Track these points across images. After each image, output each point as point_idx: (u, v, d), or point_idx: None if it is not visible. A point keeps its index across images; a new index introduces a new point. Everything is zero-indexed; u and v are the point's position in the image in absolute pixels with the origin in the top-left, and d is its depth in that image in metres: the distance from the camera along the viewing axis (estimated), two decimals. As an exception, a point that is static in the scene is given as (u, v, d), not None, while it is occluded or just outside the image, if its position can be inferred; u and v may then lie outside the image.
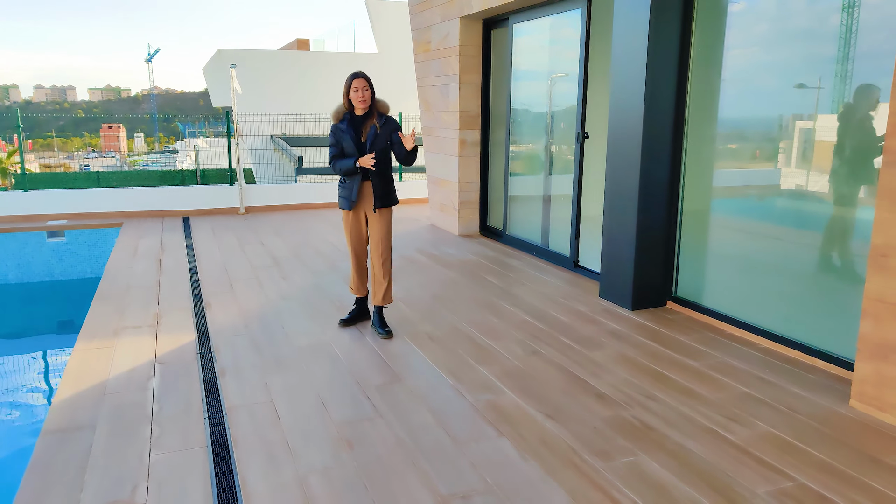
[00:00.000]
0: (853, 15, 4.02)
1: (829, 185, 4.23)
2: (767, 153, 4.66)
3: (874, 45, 3.88)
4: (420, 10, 8.85)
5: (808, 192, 4.42)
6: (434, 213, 9.17)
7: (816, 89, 4.25)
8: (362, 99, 4.41)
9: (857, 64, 3.98)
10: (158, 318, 5.08)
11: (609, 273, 5.52)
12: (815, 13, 4.18)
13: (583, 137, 6.27)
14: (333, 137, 4.58)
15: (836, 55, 4.07)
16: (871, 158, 3.95)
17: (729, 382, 3.94)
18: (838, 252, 4.22)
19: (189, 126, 43.94)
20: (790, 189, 4.57)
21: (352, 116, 4.52)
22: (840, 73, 4.08)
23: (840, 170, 4.14)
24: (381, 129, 4.51)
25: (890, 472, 2.99)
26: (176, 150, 47.82)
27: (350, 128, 4.49)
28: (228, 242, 7.89)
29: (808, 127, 4.35)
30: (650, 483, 2.90)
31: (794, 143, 4.47)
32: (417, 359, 4.31)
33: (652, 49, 4.92)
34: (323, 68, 19.96)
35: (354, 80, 4.41)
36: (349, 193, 4.59)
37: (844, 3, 4.03)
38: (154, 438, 3.25)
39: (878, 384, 3.49)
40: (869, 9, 3.91)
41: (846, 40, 4.04)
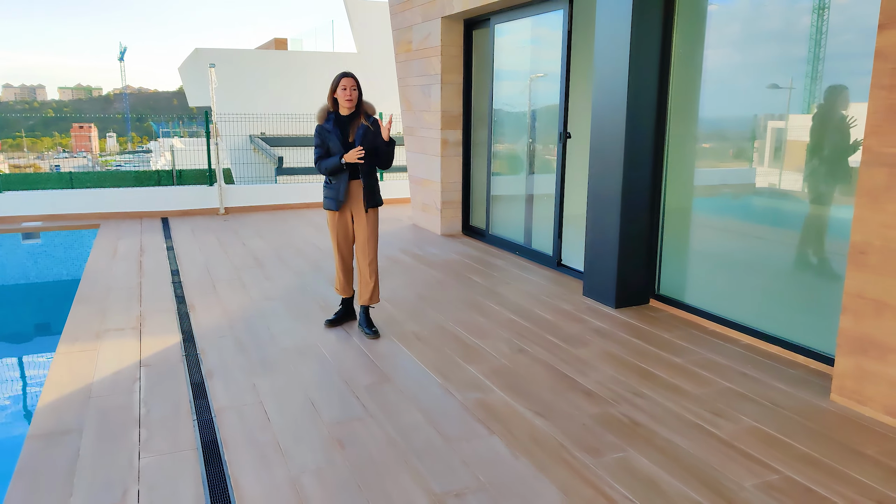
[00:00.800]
0: (823, 17, 4.13)
1: (805, 184, 4.32)
2: (746, 152, 4.75)
3: (843, 46, 3.98)
4: (401, 11, 8.85)
5: (785, 190, 4.51)
6: (416, 212, 9.18)
7: (789, 89, 4.34)
8: (349, 98, 4.38)
9: (827, 64, 4.07)
10: (141, 321, 5.02)
11: (593, 271, 5.58)
12: (788, 14, 4.27)
13: (565, 137, 6.33)
14: (318, 138, 4.54)
15: (808, 56, 4.17)
16: (844, 157, 4.04)
17: (713, 378, 4.01)
18: (816, 249, 4.31)
19: (163, 126, 43.41)
20: (768, 188, 4.66)
21: (337, 116, 4.49)
22: (811, 73, 4.19)
23: (814, 168, 4.24)
24: (370, 129, 4.49)
25: (872, 463, 3.07)
26: (150, 150, 47.19)
27: (336, 128, 4.46)
28: (209, 243, 7.81)
29: (783, 126, 4.43)
30: (640, 478, 2.94)
31: (770, 142, 4.56)
32: (405, 358, 4.31)
33: (634, 50, 4.99)
34: (302, 68, 19.85)
35: (343, 78, 4.39)
36: (336, 194, 4.57)
37: (815, 4, 4.13)
38: (143, 441, 3.22)
39: (858, 378, 3.58)
40: (838, 10, 4.01)
41: (816, 41, 4.15)
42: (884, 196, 3.39)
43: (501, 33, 7.35)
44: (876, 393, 3.49)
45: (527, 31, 6.98)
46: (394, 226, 9.05)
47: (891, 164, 3.34)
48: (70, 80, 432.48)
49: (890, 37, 3.28)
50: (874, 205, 3.44)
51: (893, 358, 3.39)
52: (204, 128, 10.17)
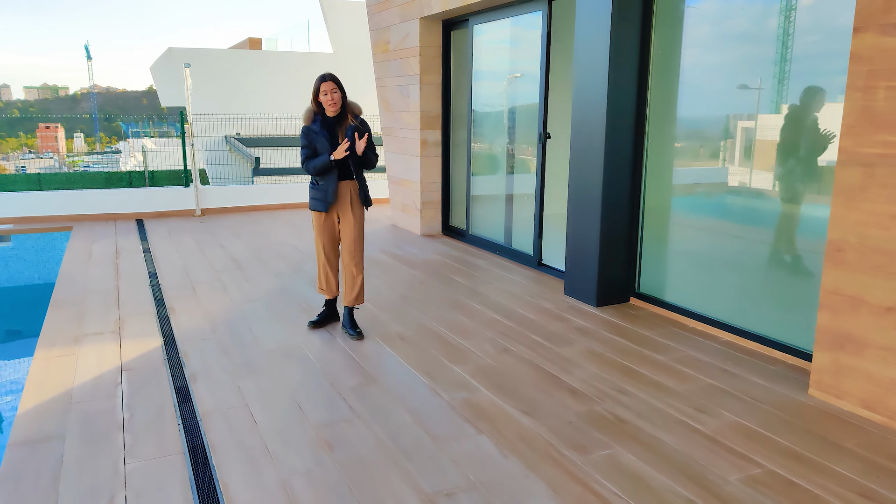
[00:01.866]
0: (790, 18, 4.24)
1: (779, 183, 4.42)
2: (722, 152, 4.83)
3: (809, 46, 4.11)
4: (378, 11, 8.83)
5: (759, 189, 4.60)
6: (395, 213, 9.17)
7: (757, 90, 4.44)
8: (332, 102, 4.36)
9: (801, 65, 4.17)
10: (120, 324, 4.95)
11: (574, 271, 5.63)
12: (760, 16, 4.35)
13: (545, 137, 6.37)
14: (305, 139, 4.49)
15: (775, 57, 4.30)
16: (816, 157, 4.15)
17: (695, 375, 4.07)
18: (792, 247, 4.41)
19: (132, 126, 42.73)
20: (743, 187, 4.75)
21: (323, 118, 4.45)
22: (779, 73, 4.31)
23: (786, 167, 4.33)
24: (359, 129, 4.47)
25: (851, 456, 3.14)
26: (119, 150, 46.43)
27: (323, 129, 4.43)
28: (187, 245, 7.72)
29: (762, 125, 4.52)
30: (627, 474, 2.98)
31: (746, 142, 4.65)
32: (390, 359, 4.31)
33: (614, 51, 5.05)
34: (277, 68, 19.68)
35: (322, 83, 4.34)
36: (324, 195, 4.52)
37: (782, 6, 4.24)
38: (128, 447, 3.17)
39: (836, 373, 3.67)
40: (804, 12, 4.11)
41: (783, 42, 4.27)
42: (859, 195, 3.48)
43: (480, 34, 7.38)
44: (853, 387, 3.58)
45: (506, 31, 7.02)
46: (373, 226, 9.03)
47: (865, 163, 3.43)
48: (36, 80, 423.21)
49: (864, 39, 3.37)
50: (850, 203, 3.52)
51: (870, 353, 3.48)
52: (176, 128, 10.05)
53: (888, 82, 3.29)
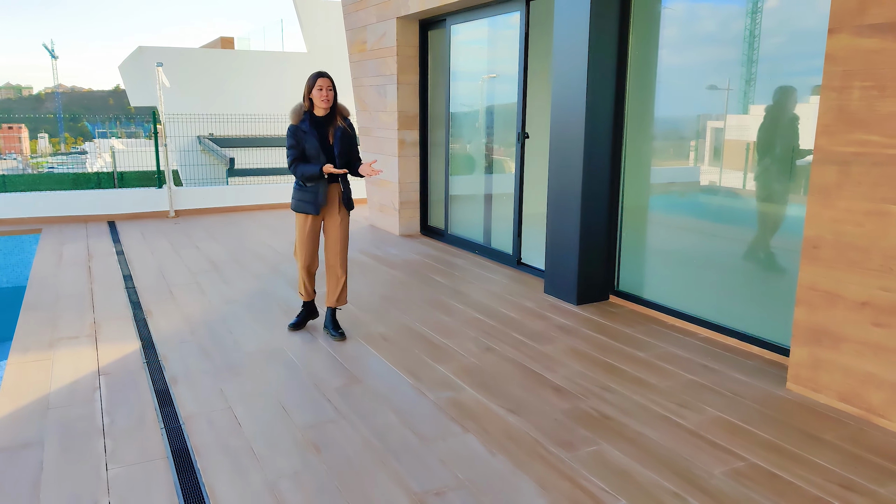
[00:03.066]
0: (756, 20, 4.34)
1: (755, 182, 4.50)
2: (697, 151, 4.91)
3: (777, 48, 4.21)
4: (354, 10, 8.79)
5: (736, 188, 4.68)
6: (373, 213, 9.14)
7: (726, 90, 4.54)
8: (325, 98, 4.29)
9: (766, 66, 4.26)
10: (96, 328, 4.85)
11: (554, 269, 5.66)
12: (732, 18, 4.43)
13: (523, 137, 6.40)
14: (293, 139, 4.37)
15: (741, 58, 4.43)
16: (789, 156, 4.24)
17: (676, 371, 4.13)
18: (767, 245, 4.49)
19: (99, 126, 41.94)
20: (719, 186, 4.82)
21: (312, 117, 4.38)
22: (747, 75, 4.43)
23: (763, 167, 4.42)
24: (348, 131, 4.46)
25: (829, 448, 3.21)
26: (85, 151, 45.53)
27: (313, 129, 4.35)
28: (162, 247, 7.60)
29: (737, 125, 4.61)
30: (614, 470, 3.01)
31: (721, 141, 4.72)
32: (374, 360, 4.30)
33: (592, 51, 5.09)
34: (251, 67, 19.47)
35: (319, 78, 4.28)
36: (315, 198, 4.44)
37: (748, 9, 4.34)
38: (109, 452, 3.11)
39: (813, 367, 3.74)
40: (769, 14, 4.21)
41: (750, 43, 4.39)
42: (834, 193, 3.56)
43: (458, 34, 7.38)
44: (830, 381, 3.66)
45: (483, 32, 7.04)
46: (352, 227, 8.97)
47: (840, 162, 3.51)
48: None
49: (839, 41, 3.44)
50: (825, 201, 3.60)
51: (846, 347, 3.57)
52: (144, 128, 9.90)
53: (862, 82, 3.37)
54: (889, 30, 3.23)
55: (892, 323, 3.34)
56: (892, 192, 3.29)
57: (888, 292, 3.35)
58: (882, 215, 3.34)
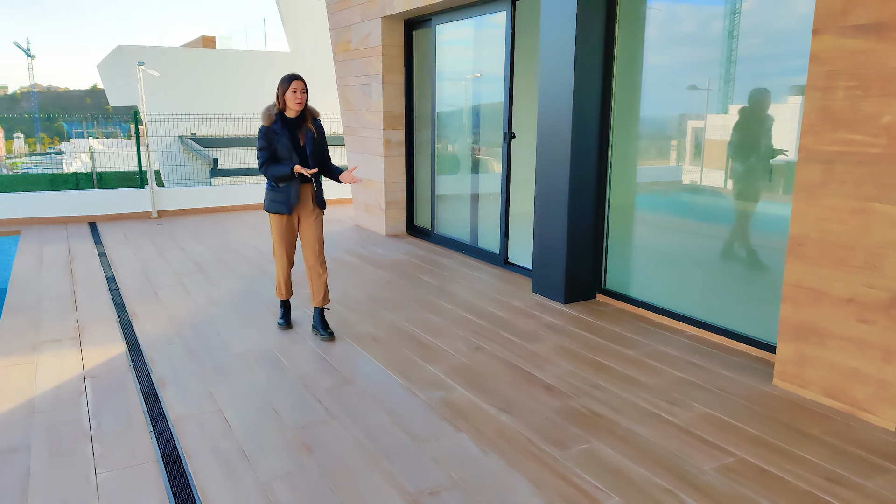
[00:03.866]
0: (734, 22, 4.42)
1: (737, 181, 4.56)
2: (681, 150, 4.95)
3: (754, 49, 4.28)
4: (338, 10, 8.76)
5: (717, 187, 4.73)
6: (359, 213, 9.11)
7: (706, 90, 4.60)
8: (299, 101, 4.36)
9: (744, 67, 4.33)
10: (80, 331, 4.79)
11: (541, 268, 5.69)
12: (714, 19, 4.49)
13: (510, 137, 6.42)
14: (265, 140, 4.41)
15: (720, 58, 4.50)
16: (764, 155, 4.32)
17: (664, 368, 4.16)
18: (743, 241, 4.54)
19: (76, 126, 41.34)
20: (704, 185, 4.87)
21: (283, 118, 4.42)
22: (726, 75, 4.50)
23: (745, 166, 4.48)
24: (318, 133, 4.52)
25: (816, 442, 3.26)
26: (62, 151, 44.91)
27: (285, 129, 4.40)
28: (145, 248, 7.51)
29: (717, 125, 4.66)
30: (607, 467, 3.03)
31: (700, 141, 4.77)
32: (364, 360, 4.28)
33: (579, 51, 5.12)
34: (233, 67, 19.31)
35: (294, 81, 4.34)
36: (287, 198, 4.47)
37: (727, 10, 4.41)
38: (97, 456, 3.07)
39: (799, 363, 3.80)
40: (746, 15, 4.28)
41: (728, 45, 4.46)
42: (819, 191, 3.61)
43: (443, 34, 7.39)
44: (815, 376, 3.71)
45: (469, 31, 7.04)
46: (337, 227, 8.95)
47: (825, 161, 3.56)
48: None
49: (824, 41, 3.49)
50: (810, 199, 3.65)
51: (832, 343, 3.62)
52: (122, 128, 9.80)
53: (846, 82, 3.42)
54: (872, 30, 3.28)
55: (877, 319, 3.40)
56: (876, 190, 3.34)
57: (872, 289, 3.40)
58: (866, 213, 3.40)
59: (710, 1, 4.54)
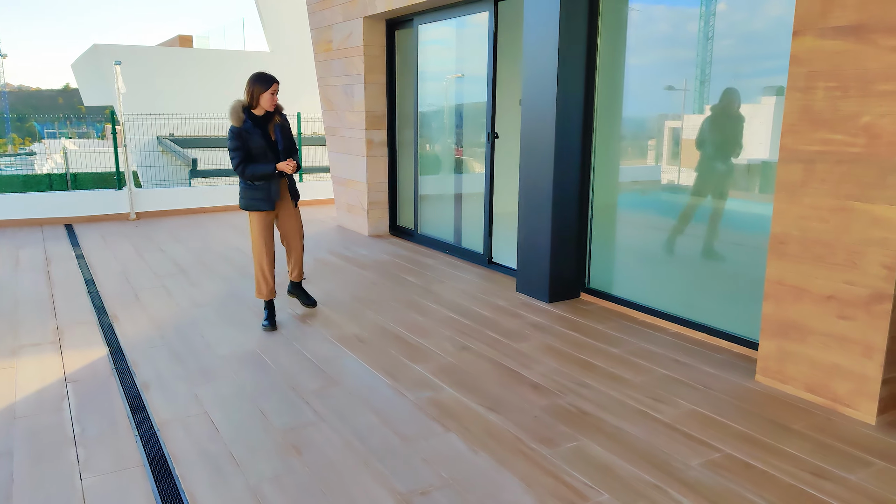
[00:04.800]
0: (709, 23, 4.50)
1: (715, 180, 4.63)
2: (661, 150, 5.01)
3: (729, 50, 4.36)
4: (319, 9, 8.72)
5: (692, 186, 4.79)
6: (341, 213, 9.07)
7: (683, 91, 4.67)
8: (275, 102, 4.58)
9: (720, 67, 4.40)
10: (60, 334, 4.71)
11: (526, 268, 5.71)
12: (690, 20, 4.55)
13: (493, 137, 6.44)
14: (238, 141, 4.48)
15: (696, 59, 4.58)
16: (733, 155, 4.43)
17: (649, 366, 4.21)
18: (732, 242, 4.60)
19: (48, 126, 40.65)
20: (682, 184, 4.93)
21: (253, 117, 4.55)
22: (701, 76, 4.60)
23: (706, 165, 4.57)
24: (284, 126, 4.73)
25: (799, 437, 3.32)
26: (34, 152, 44.13)
27: (256, 127, 4.54)
28: (124, 250, 7.41)
29: (695, 125, 4.71)
30: (595, 465, 3.06)
31: (670, 140, 4.83)
32: (350, 361, 4.27)
33: (562, 51, 5.15)
34: (211, 66, 19.10)
35: (276, 83, 4.52)
36: (268, 194, 4.64)
37: (702, 12, 4.50)
38: (82, 461, 3.03)
39: (780, 359, 3.86)
40: (720, 17, 4.36)
41: (704, 46, 4.53)
42: (800, 190, 3.67)
43: (426, 34, 7.38)
44: (797, 372, 3.78)
45: (451, 32, 7.05)
46: (319, 227, 8.90)
47: (805, 160, 3.62)
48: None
49: (804, 43, 3.55)
50: (791, 198, 3.71)
51: (813, 339, 3.68)
52: (96, 128, 9.66)
53: (826, 83, 3.48)
54: (851, 32, 3.35)
55: (857, 315, 3.47)
56: (856, 189, 3.41)
57: (852, 286, 3.47)
58: (846, 211, 3.46)
59: (687, 3, 4.60)
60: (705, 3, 4.49)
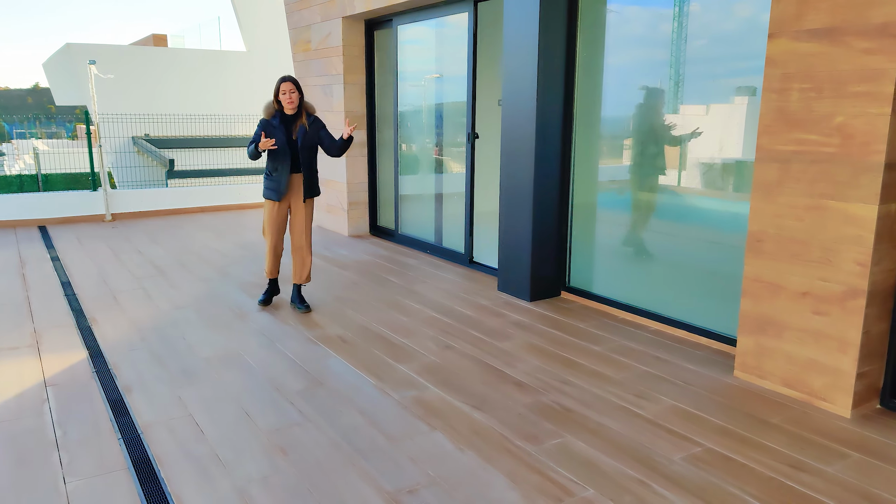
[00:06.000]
0: (683, 24, 4.58)
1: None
2: (643, 150, 5.08)
3: (701, 50, 4.45)
4: (298, 9, 8.69)
5: (671, 185, 4.87)
6: (321, 214, 9.04)
7: (660, 90, 4.76)
8: (290, 101, 4.84)
9: (694, 68, 4.48)
10: (37, 338, 4.65)
11: (507, 267, 5.75)
12: (664, 21, 4.63)
13: (473, 137, 6.47)
14: (259, 129, 4.89)
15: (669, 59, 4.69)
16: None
17: (630, 363, 4.27)
18: (708, 240, 4.69)
19: (17, 126, 39.87)
20: (662, 184, 5.01)
21: (282, 115, 4.90)
22: (675, 76, 4.71)
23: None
24: (311, 127, 4.97)
25: (776, 430, 3.39)
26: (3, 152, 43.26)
27: (282, 125, 4.88)
28: (101, 252, 7.32)
29: (670, 124, 4.80)
30: (580, 461, 3.10)
31: (658, 140, 4.91)
32: (334, 361, 4.27)
33: (542, 52, 5.19)
34: (187, 66, 18.87)
35: (283, 83, 4.81)
36: (278, 186, 4.98)
37: (674, 13, 4.61)
38: (65, 465, 3.00)
39: (758, 355, 3.94)
40: (693, 17, 4.46)
41: (678, 47, 4.64)
42: (776, 189, 3.75)
43: (405, 34, 7.40)
44: (774, 367, 3.86)
45: (431, 32, 7.07)
46: (297, 228, 8.85)
47: (781, 160, 3.71)
48: None
49: (779, 45, 3.64)
50: (767, 197, 3.80)
51: (789, 335, 3.77)
52: (67, 128, 9.53)
53: (801, 84, 3.57)
54: (825, 35, 3.43)
55: (831, 311, 3.55)
56: (830, 188, 3.50)
57: (827, 282, 3.56)
58: (820, 210, 3.55)
59: (662, 4, 4.68)
60: (677, 4, 4.58)
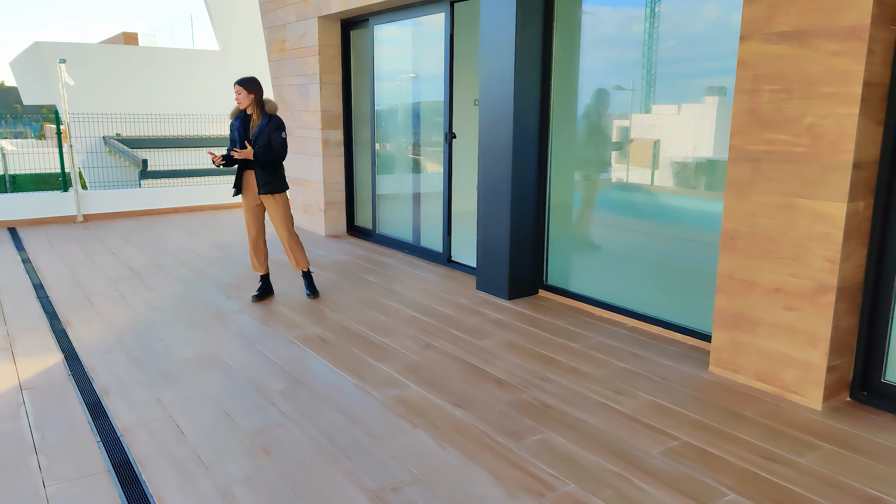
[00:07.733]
0: (654, 25, 4.68)
1: (665, 179, 4.80)
2: (619, 150, 5.16)
3: (672, 51, 4.54)
4: (272, 9, 8.64)
5: (644, 184, 4.96)
6: (298, 214, 9.00)
7: (631, 90, 4.82)
8: (239, 102, 5.12)
9: (665, 68, 4.57)
10: (10, 341, 4.57)
11: (485, 266, 5.79)
12: (637, 21, 4.71)
13: (451, 137, 6.50)
14: (230, 132, 5.27)
15: (642, 60, 4.75)
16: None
17: (608, 360, 4.33)
18: (683, 238, 4.78)
19: (-19, 126, 38.95)
20: (631, 182, 5.09)
21: (244, 114, 5.20)
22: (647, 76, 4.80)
23: (673, 165, 4.72)
24: (267, 126, 5.15)
25: (751, 423, 3.48)
26: (-33, 153, 42.25)
27: (241, 124, 5.17)
28: (73, 254, 7.21)
29: (641, 124, 4.88)
30: (560, 456, 3.15)
31: (629, 139, 5.00)
32: (314, 361, 4.27)
33: (519, 53, 5.24)
34: (158, 65, 18.60)
35: (235, 85, 5.11)
36: (236, 182, 5.31)
37: (647, 13, 4.71)
38: (44, 469, 2.96)
39: (732, 350, 4.03)
40: (663, 18, 4.57)
41: (648, 46, 4.74)
42: (748, 188, 3.84)
43: (381, 34, 7.40)
44: (747, 362, 3.95)
45: (408, 32, 7.09)
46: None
47: (753, 159, 3.80)
48: None
49: (750, 47, 3.72)
50: (740, 196, 3.89)
51: (762, 330, 3.86)
52: (33, 128, 9.37)
53: (771, 86, 3.66)
54: (795, 37, 3.53)
55: (802, 307, 3.65)
56: (800, 186, 3.59)
57: (797, 278, 3.66)
58: (791, 208, 3.65)
59: (634, 4, 4.76)
60: (647, 5, 4.67)
